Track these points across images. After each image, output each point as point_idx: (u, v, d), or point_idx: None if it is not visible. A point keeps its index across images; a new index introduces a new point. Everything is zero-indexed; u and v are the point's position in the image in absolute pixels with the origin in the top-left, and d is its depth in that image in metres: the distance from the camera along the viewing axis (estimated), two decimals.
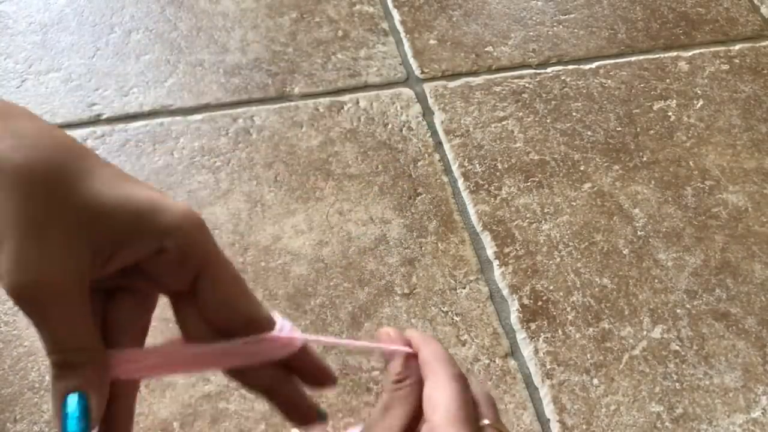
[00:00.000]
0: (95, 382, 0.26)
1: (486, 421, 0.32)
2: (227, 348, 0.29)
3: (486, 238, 0.79)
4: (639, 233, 0.81)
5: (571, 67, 0.98)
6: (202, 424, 0.64)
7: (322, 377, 0.32)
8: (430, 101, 0.92)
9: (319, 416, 0.33)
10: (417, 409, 0.31)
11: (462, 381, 0.31)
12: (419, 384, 0.32)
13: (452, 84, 0.94)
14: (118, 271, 0.27)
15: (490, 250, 0.78)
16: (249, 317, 0.29)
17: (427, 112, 0.91)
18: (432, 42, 0.99)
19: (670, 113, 0.93)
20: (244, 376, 0.30)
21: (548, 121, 0.91)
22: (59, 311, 0.25)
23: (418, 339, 0.33)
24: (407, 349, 0.33)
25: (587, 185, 0.85)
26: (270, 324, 0.30)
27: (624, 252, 0.79)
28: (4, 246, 0.24)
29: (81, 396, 0.26)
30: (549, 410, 0.67)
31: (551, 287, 0.75)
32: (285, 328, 0.30)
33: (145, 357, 0.29)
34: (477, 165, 0.86)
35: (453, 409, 0.30)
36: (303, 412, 0.32)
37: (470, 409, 0.31)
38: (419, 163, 0.85)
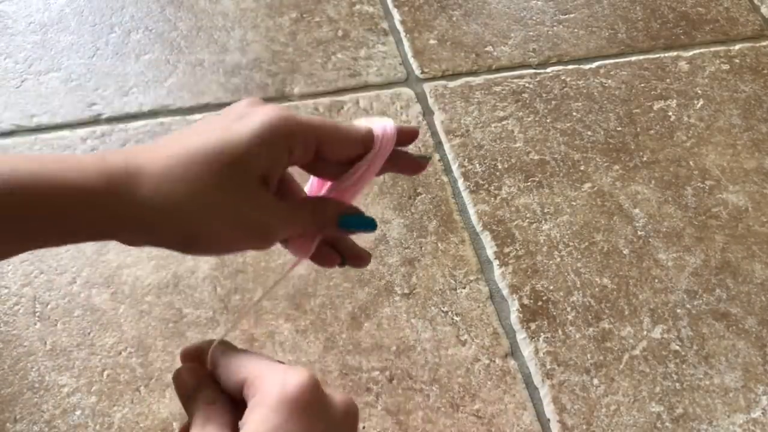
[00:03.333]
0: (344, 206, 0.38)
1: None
2: (369, 158, 0.38)
3: (486, 238, 0.79)
4: (639, 233, 0.81)
5: (571, 66, 0.98)
6: None
7: (422, 163, 0.41)
8: (430, 101, 0.92)
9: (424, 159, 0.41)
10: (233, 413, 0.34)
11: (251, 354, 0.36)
12: None
13: (452, 84, 0.94)
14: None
15: (490, 250, 0.78)
16: (359, 141, 0.37)
17: (427, 112, 0.91)
18: (432, 42, 0.99)
19: (670, 113, 0.93)
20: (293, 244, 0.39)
21: (548, 120, 0.91)
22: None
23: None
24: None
25: (587, 185, 0.85)
26: (371, 134, 0.38)
27: (624, 252, 0.79)
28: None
29: (349, 209, 0.38)
30: (549, 410, 0.67)
31: (551, 287, 0.75)
32: (387, 127, 0.38)
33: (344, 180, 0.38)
34: (477, 165, 0.86)
35: (255, 362, 0.34)
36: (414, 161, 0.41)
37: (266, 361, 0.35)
38: None
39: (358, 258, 0.40)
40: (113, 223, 0.31)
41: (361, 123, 0.39)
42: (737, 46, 1.02)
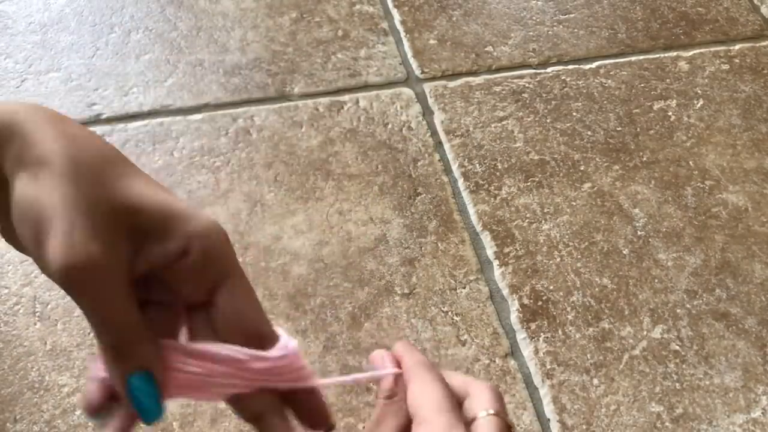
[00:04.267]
0: (156, 359, 0.27)
1: (492, 411, 0.33)
2: (258, 356, 0.29)
3: (486, 238, 0.79)
4: (639, 233, 0.81)
5: (571, 66, 0.98)
6: (202, 424, 0.64)
7: (323, 420, 0.32)
8: (430, 101, 0.92)
9: None
10: (407, 420, 0.33)
11: (443, 381, 0.33)
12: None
13: (452, 84, 0.94)
14: (143, 278, 0.28)
15: (490, 250, 0.78)
16: (258, 332, 0.30)
17: (427, 112, 0.91)
18: (432, 42, 0.99)
19: (670, 113, 0.93)
20: (240, 402, 0.31)
21: (548, 120, 0.91)
22: (110, 292, 0.26)
23: (402, 349, 0.35)
24: (396, 371, 0.34)
25: (587, 185, 0.85)
26: (274, 341, 0.30)
27: (624, 252, 0.79)
28: (51, 231, 0.25)
29: (147, 374, 0.27)
30: (549, 410, 0.67)
31: (551, 287, 0.75)
32: (290, 345, 0.30)
33: (190, 351, 0.28)
34: (477, 165, 0.86)
35: (438, 400, 0.32)
36: None
37: (454, 400, 0.33)
38: (419, 163, 0.85)
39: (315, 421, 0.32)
40: None
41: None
42: (737, 46, 1.02)
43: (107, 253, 0.26)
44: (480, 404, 0.34)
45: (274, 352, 0.29)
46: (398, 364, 0.35)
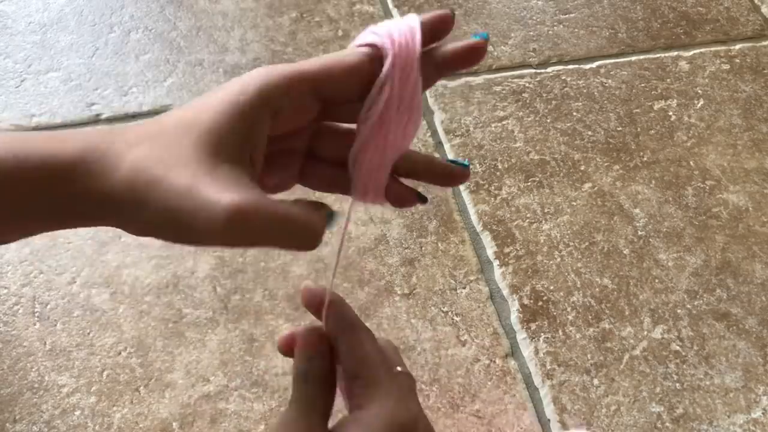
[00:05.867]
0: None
1: (399, 368, 0.35)
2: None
3: (486, 238, 0.79)
4: (639, 233, 0.80)
5: (571, 66, 0.97)
6: (202, 424, 0.64)
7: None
8: (430, 101, 0.92)
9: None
10: (332, 374, 0.34)
11: (372, 335, 0.35)
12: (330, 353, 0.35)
13: (452, 83, 0.94)
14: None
15: (490, 250, 0.78)
16: (365, 64, 0.30)
17: (427, 112, 0.91)
18: None
19: (670, 113, 0.93)
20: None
21: (548, 120, 0.91)
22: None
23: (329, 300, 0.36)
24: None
25: (587, 185, 0.85)
26: (377, 51, 0.30)
27: (624, 252, 0.79)
28: (203, 178, 0.26)
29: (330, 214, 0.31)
30: (549, 411, 0.67)
31: (551, 287, 0.75)
32: (398, 30, 0.29)
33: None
34: (477, 165, 0.86)
35: (378, 360, 0.33)
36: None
37: (387, 357, 0.35)
38: None
39: (449, 177, 0.34)
40: (83, 198, 0.28)
41: (366, 36, 0.30)
42: (737, 46, 1.02)
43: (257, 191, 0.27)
44: (394, 361, 0.36)
45: None
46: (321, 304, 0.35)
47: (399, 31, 0.29)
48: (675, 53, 1.00)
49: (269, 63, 0.94)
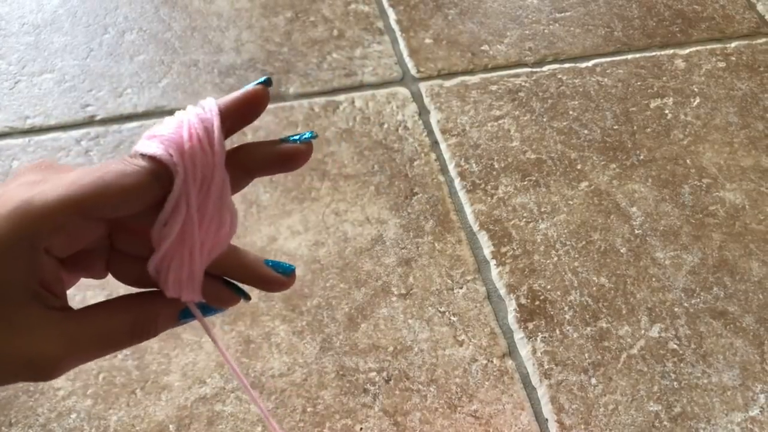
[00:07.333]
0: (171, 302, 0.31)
1: None
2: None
3: (483, 238, 0.79)
4: (636, 232, 0.80)
5: (567, 65, 0.97)
6: (198, 426, 0.64)
7: (294, 152, 0.30)
8: (426, 100, 0.92)
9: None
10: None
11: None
12: None
13: (448, 83, 0.94)
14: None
15: (486, 249, 0.78)
16: (145, 177, 0.28)
17: (423, 112, 0.91)
18: (428, 41, 0.99)
19: (666, 111, 0.93)
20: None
21: (545, 119, 0.91)
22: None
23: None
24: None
25: (584, 184, 0.84)
26: (158, 162, 0.28)
27: (621, 251, 0.79)
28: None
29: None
30: (547, 410, 0.67)
31: (548, 286, 0.75)
32: (186, 128, 0.25)
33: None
34: (473, 164, 0.85)
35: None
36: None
37: None
38: (415, 163, 0.85)
39: (268, 284, 0.31)
40: None
41: (147, 146, 0.25)
42: (733, 44, 1.02)
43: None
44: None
45: None
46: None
47: (190, 133, 0.24)
48: (671, 51, 1.00)
49: (264, 63, 0.94)
